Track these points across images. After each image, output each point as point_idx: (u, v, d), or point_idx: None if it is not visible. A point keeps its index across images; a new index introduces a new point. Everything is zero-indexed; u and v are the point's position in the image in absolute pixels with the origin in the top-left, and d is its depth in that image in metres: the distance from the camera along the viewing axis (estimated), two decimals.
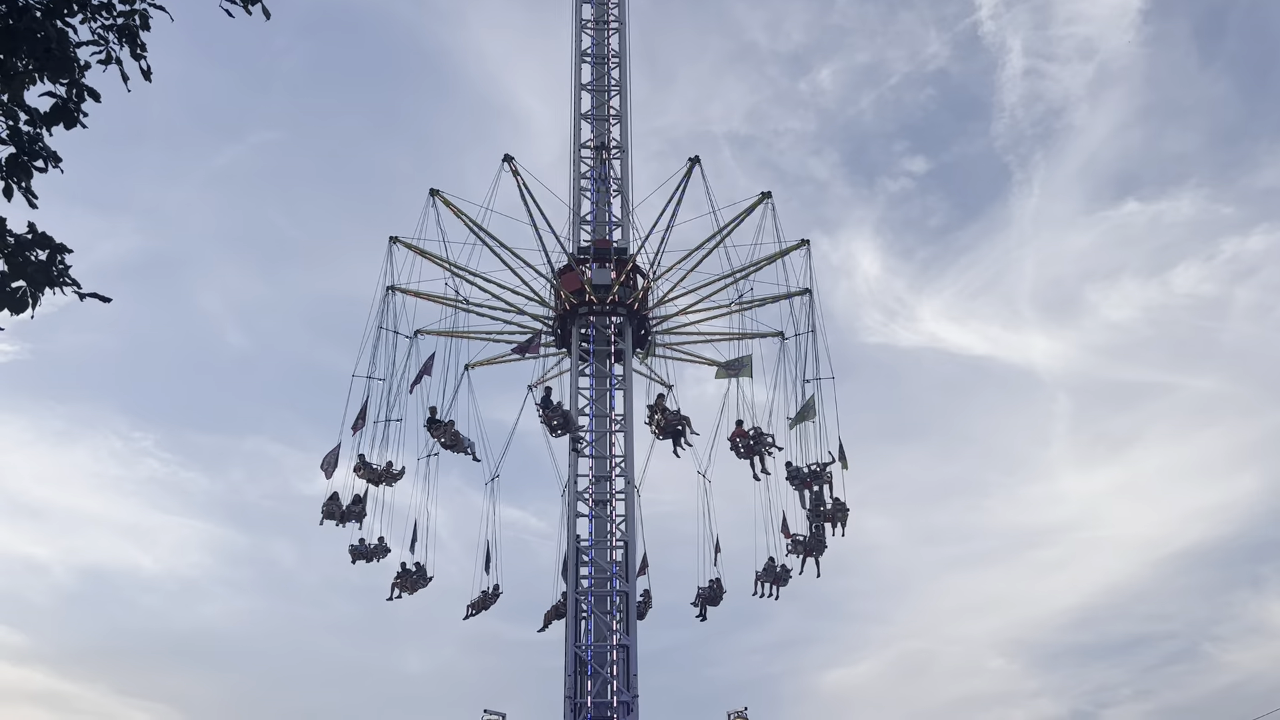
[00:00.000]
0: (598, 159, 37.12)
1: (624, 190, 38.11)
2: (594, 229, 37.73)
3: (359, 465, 33.64)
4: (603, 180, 37.19)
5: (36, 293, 7.84)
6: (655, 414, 32.38)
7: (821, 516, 31.75)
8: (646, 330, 36.01)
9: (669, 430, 32.18)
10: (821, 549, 32.33)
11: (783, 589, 33.75)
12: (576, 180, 38.17)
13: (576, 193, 38.10)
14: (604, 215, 37.87)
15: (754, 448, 32.08)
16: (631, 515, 33.61)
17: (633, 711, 30.70)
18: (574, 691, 30.81)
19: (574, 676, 30.99)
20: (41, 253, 7.89)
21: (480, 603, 35.33)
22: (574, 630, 31.67)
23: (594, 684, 31.15)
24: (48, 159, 7.88)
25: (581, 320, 34.86)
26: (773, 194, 35.80)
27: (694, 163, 35.37)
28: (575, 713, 30.56)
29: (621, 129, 38.72)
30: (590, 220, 37.86)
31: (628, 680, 30.99)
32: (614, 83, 39.11)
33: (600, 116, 38.73)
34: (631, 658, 31.36)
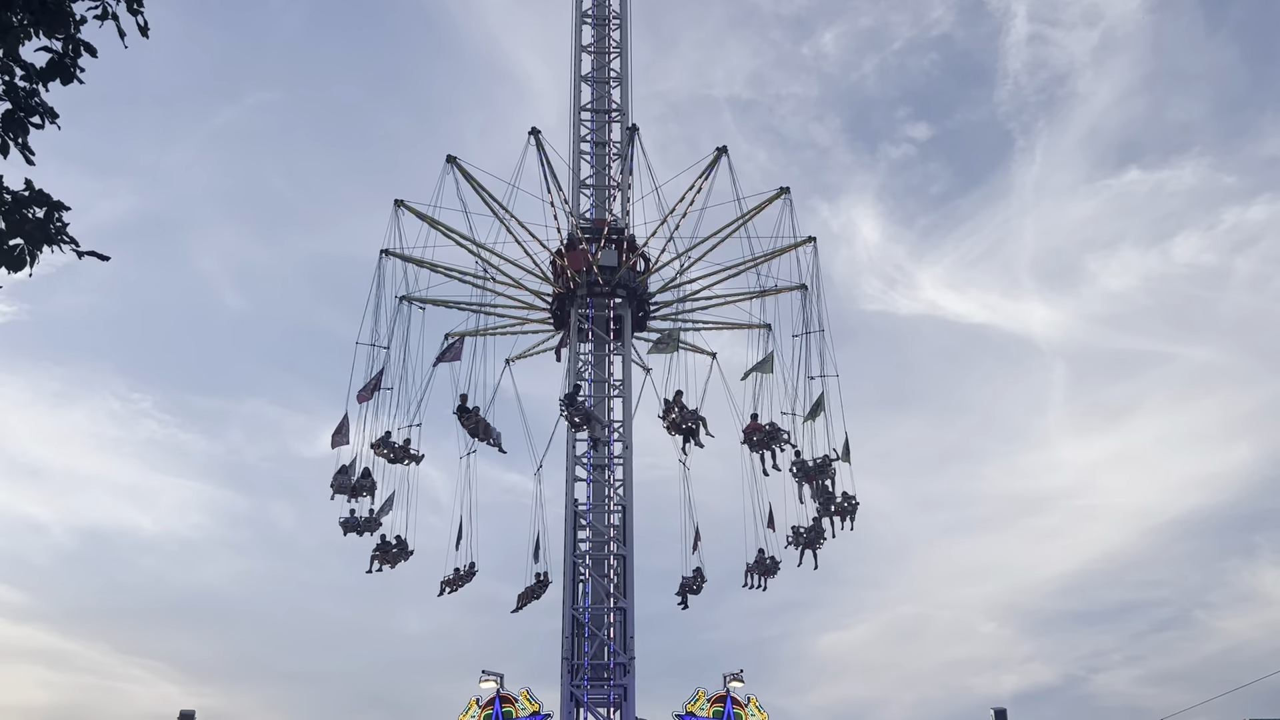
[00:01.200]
0: (606, 130, 36.88)
1: (624, 154, 37.90)
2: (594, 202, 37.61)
3: (379, 443, 32.91)
4: (603, 155, 36.98)
5: (34, 251, 7.79)
6: (672, 410, 31.37)
7: (830, 511, 31.52)
8: (645, 313, 35.81)
9: (683, 427, 31.35)
10: (820, 542, 32.33)
11: (771, 579, 33.71)
12: (576, 144, 37.95)
13: (576, 155, 37.92)
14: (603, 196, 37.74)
15: (768, 442, 31.54)
16: (629, 480, 33.77)
17: (629, 673, 31.01)
18: (571, 653, 31.12)
19: (571, 638, 31.27)
20: (39, 210, 7.84)
21: (454, 580, 34.72)
22: (571, 593, 31.92)
23: (591, 646, 31.46)
24: (44, 115, 7.80)
25: (580, 301, 34.61)
26: (789, 188, 35.08)
27: (721, 153, 35.05)
28: (572, 674, 30.89)
29: (622, 92, 38.39)
30: (590, 186, 37.72)
31: (625, 642, 31.28)
32: (615, 45, 38.71)
33: (601, 79, 38.38)
34: (629, 620, 31.62)
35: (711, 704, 25.37)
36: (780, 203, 34.91)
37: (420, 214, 34.74)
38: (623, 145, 37.87)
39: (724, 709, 25.29)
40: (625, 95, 38.36)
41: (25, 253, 7.75)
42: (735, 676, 26.32)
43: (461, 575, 34.85)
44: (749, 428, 31.58)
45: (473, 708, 24.82)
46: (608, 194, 37.61)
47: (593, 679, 31.18)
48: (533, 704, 24.53)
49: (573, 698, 30.45)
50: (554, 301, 35.49)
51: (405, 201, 34.70)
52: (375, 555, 33.24)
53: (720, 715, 25.19)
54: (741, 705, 25.51)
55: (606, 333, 34.23)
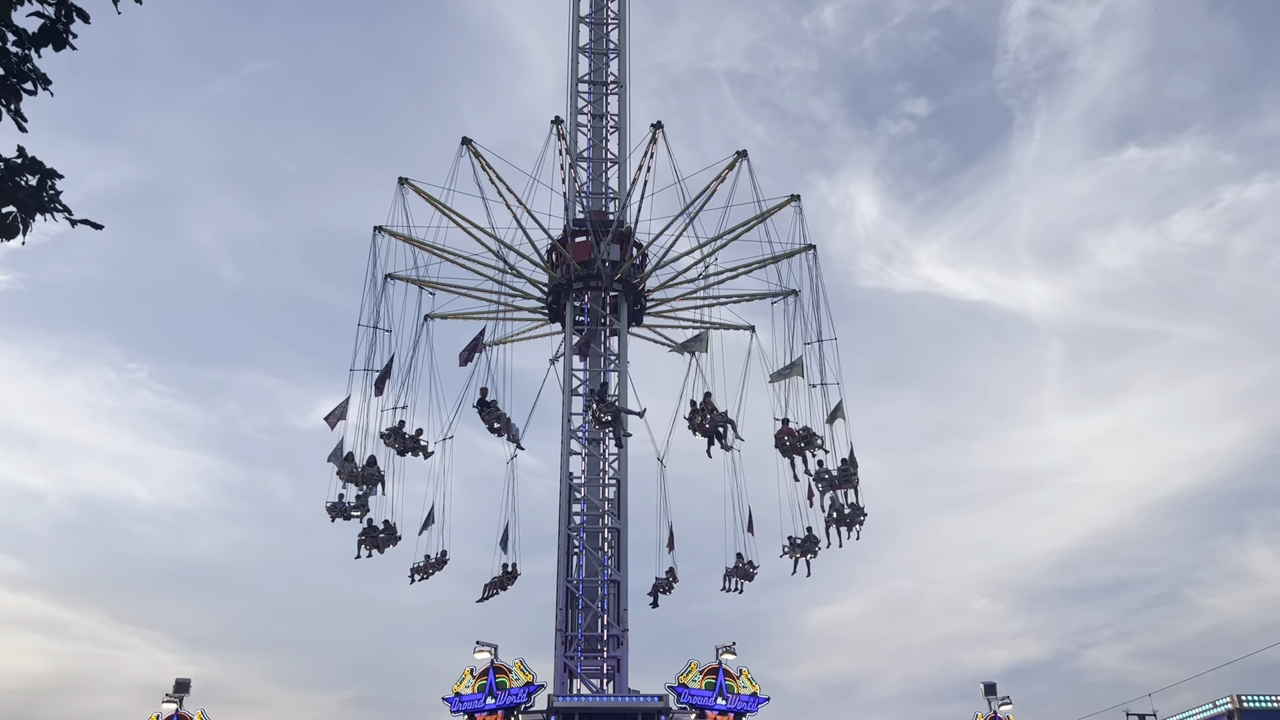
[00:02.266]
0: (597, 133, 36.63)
1: (621, 127, 37.72)
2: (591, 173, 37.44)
3: (390, 434, 32.15)
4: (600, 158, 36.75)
5: (27, 218, 7.74)
6: (701, 414, 29.96)
7: (837, 521, 31.44)
8: (642, 305, 35.64)
9: (711, 430, 30.02)
10: (815, 551, 32.34)
11: (748, 584, 34.08)
12: (574, 115, 37.73)
13: (574, 127, 37.70)
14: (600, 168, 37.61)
15: (800, 448, 30.99)
16: (624, 454, 33.83)
17: (623, 645, 31.23)
18: (565, 625, 31.32)
19: (565, 610, 31.47)
20: (32, 178, 7.78)
21: (424, 568, 34.43)
22: (565, 565, 32.07)
23: (585, 617, 31.67)
24: (36, 81, 7.73)
25: (576, 294, 34.53)
26: (746, 152, 34.66)
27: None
28: (566, 645, 31.10)
29: (620, 64, 38.12)
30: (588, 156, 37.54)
31: (618, 614, 31.47)
32: (613, 16, 38.41)
33: (599, 51, 38.10)
34: (622, 593, 31.82)
35: (704, 676, 25.55)
36: (790, 209, 34.81)
37: (429, 196, 34.09)
38: (620, 118, 37.74)
39: (716, 680, 25.47)
40: (623, 68, 38.12)
41: (18, 220, 7.71)
42: (727, 649, 26.50)
43: (432, 563, 34.33)
44: (781, 432, 30.94)
45: (467, 678, 24.99)
46: (605, 166, 37.50)
47: (586, 650, 31.42)
48: (526, 675, 24.69)
49: (566, 669, 30.68)
50: (549, 294, 35.23)
51: (410, 180, 34.15)
52: (362, 540, 32.72)
53: (713, 687, 25.37)
54: (733, 677, 25.71)
55: (602, 322, 34.20)
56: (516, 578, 35.77)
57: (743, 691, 25.60)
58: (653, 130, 33.80)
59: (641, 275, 35.01)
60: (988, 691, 31.50)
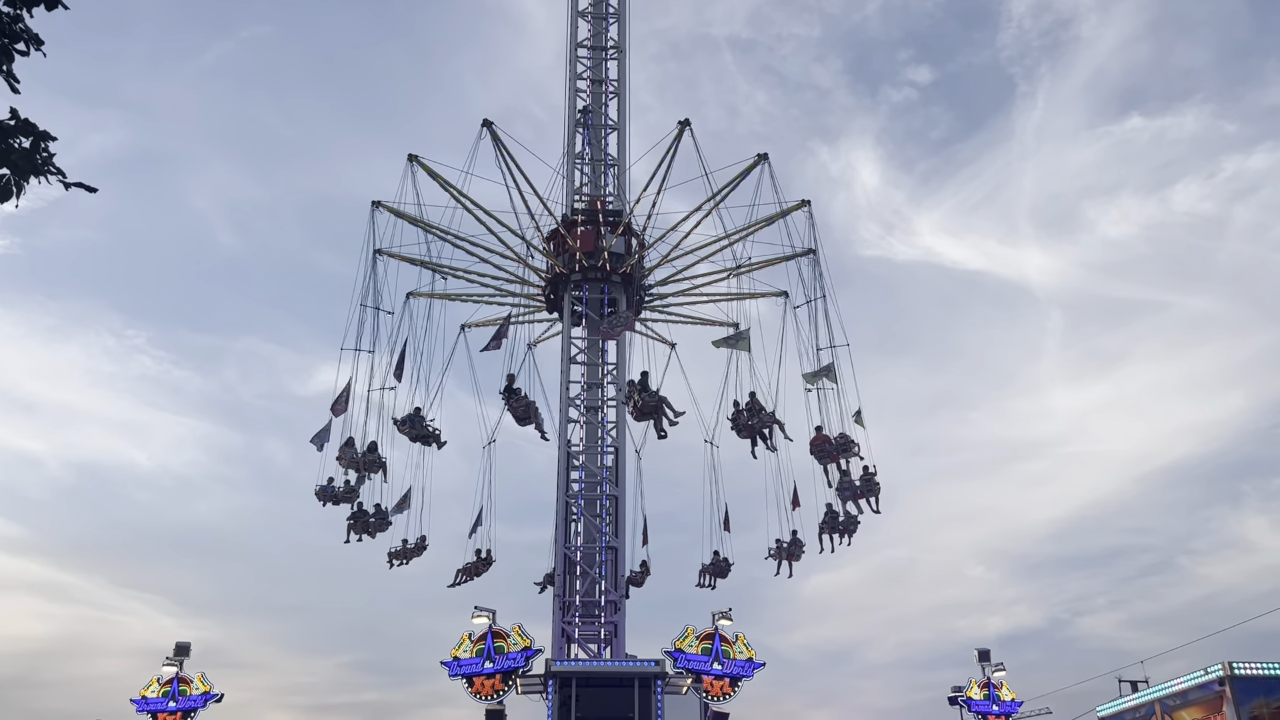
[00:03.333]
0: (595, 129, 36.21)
1: (620, 94, 37.45)
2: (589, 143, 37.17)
3: (405, 421, 31.70)
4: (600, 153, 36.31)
5: (21, 181, 7.71)
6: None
7: (836, 530, 31.65)
8: (641, 296, 35.48)
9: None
10: (800, 555, 32.88)
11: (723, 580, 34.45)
12: (573, 80, 37.46)
13: (572, 95, 37.45)
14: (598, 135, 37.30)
15: (838, 455, 31.08)
16: (622, 422, 33.90)
17: (620, 611, 31.46)
18: (563, 590, 31.53)
19: (563, 576, 31.67)
20: (25, 140, 7.74)
21: (402, 553, 34.15)
22: (564, 532, 32.23)
23: (583, 583, 31.87)
24: (29, 42, 7.66)
25: (575, 285, 34.32)
26: (768, 155, 34.43)
27: (761, 159, 34.41)
28: (564, 611, 31.33)
29: (619, 29, 37.77)
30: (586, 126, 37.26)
31: (615, 580, 31.68)
32: None
33: (599, 15, 37.74)
34: (620, 559, 32.00)
35: (700, 641, 25.77)
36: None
37: (439, 177, 33.68)
38: (619, 84, 37.43)
39: (712, 646, 25.69)
40: (622, 33, 37.76)
41: (11, 183, 7.68)
42: (724, 615, 26.70)
43: (410, 549, 34.09)
44: (816, 439, 30.95)
45: (465, 642, 25.17)
46: (604, 132, 37.26)
47: (584, 616, 31.66)
48: (524, 639, 24.88)
49: (564, 634, 30.93)
50: (547, 286, 35.02)
51: (419, 157, 33.71)
52: (351, 525, 32.40)
53: (709, 652, 25.59)
54: (729, 642, 25.93)
55: (600, 315, 33.98)
56: (491, 564, 35.07)
57: (738, 657, 25.82)
58: (680, 126, 33.32)
59: (646, 270, 35.00)
60: (982, 658, 31.80)
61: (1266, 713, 23.87)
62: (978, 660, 32.10)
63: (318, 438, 32.29)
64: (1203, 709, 25.23)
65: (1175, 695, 26.54)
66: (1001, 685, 31.02)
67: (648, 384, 30.79)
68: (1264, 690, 24.11)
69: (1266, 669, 24.51)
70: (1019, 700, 31.35)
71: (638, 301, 35.28)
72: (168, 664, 27.59)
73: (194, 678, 27.37)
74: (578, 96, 37.49)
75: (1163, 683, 28.04)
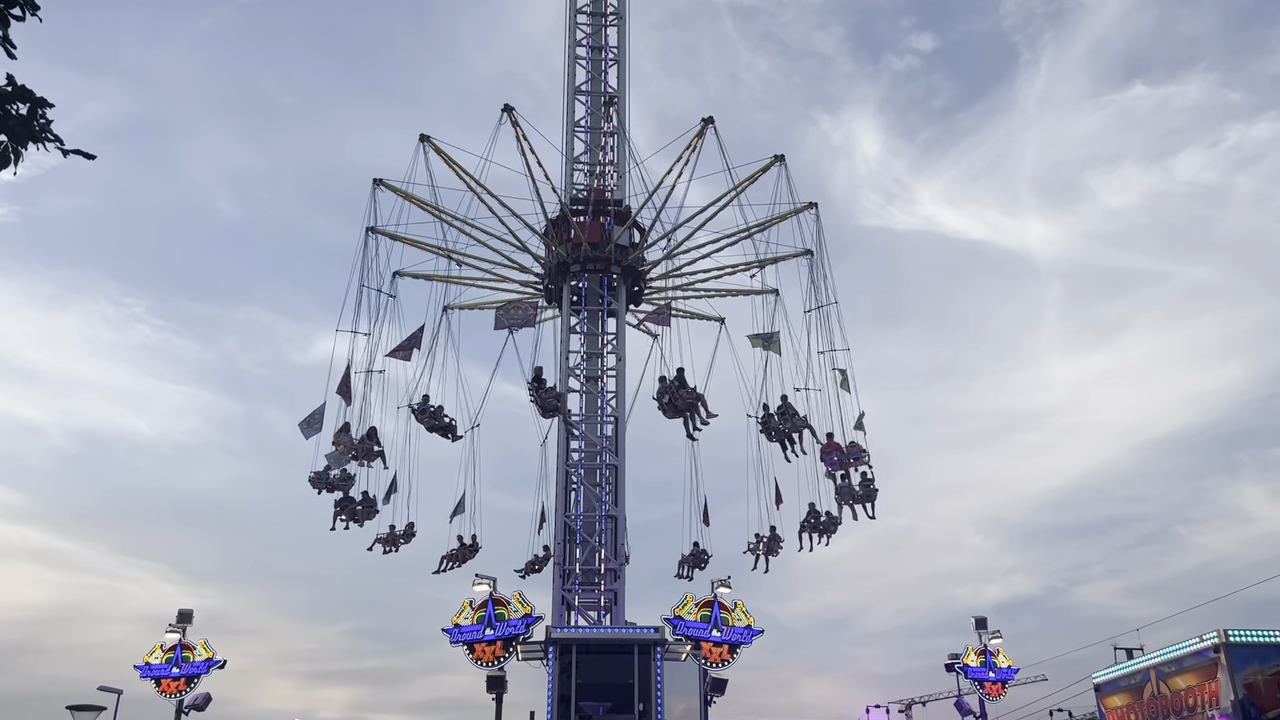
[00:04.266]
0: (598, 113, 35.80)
1: (620, 61, 37.20)
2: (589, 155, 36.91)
3: (423, 412, 30.57)
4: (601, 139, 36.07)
5: (18, 148, 7.65)
6: (669, 392, 29.35)
7: (812, 528, 31.95)
8: (640, 286, 35.41)
9: (681, 408, 29.51)
10: (778, 550, 33.30)
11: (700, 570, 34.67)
12: (572, 47, 37.23)
13: (571, 62, 37.23)
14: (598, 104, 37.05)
15: (849, 462, 31.06)
16: (621, 392, 33.97)
17: (620, 579, 31.67)
18: (563, 559, 31.72)
19: (563, 544, 31.84)
20: (22, 106, 7.67)
21: (389, 539, 33.51)
22: (564, 501, 32.37)
23: (583, 552, 32.06)
24: (24, 6, 7.58)
25: (574, 275, 34.27)
26: (785, 157, 34.20)
27: (778, 160, 34.17)
28: (564, 579, 31.53)
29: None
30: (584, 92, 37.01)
31: (615, 549, 31.87)
32: None
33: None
34: (620, 528, 32.17)
35: (699, 609, 25.93)
36: (776, 170, 34.11)
37: (448, 158, 33.38)
38: (619, 50, 37.13)
39: (711, 613, 25.85)
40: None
41: (9, 150, 7.62)
42: (722, 583, 26.86)
43: (398, 535, 33.38)
44: (827, 447, 30.82)
45: (466, 609, 25.32)
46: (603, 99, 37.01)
47: (584, 584, 31.88)
48: (525, 606, 25.04)
49: (564, 601, 31.15)
50: (545, 276, 34.95)
51: (431, 137, 33.20)
52: (338, 512, 31.73)
53: (708, 619, 25.76)
54: (728, 610, 26.09)
55: (601, 305, 34.13)
56: (477, 551, 34.10)
57: (737, 624, 25.99)
58: (703, 124, 32.90)
59: (649, 264, 34.97)
60: (979, 625, 32.02)
61: (1261, 680, 24.08)
62: (975, 628, 32.31)
63: (307, 424, 31.34)
64: (1197, 676, 25.45)
65: (1170, 662, 26.76)
66: (998, 652, 31.25)
67: (685, 380, 29.51)
68: (1259, 657, 24.31)
69: (1261, 636, 24.69)
70: (1015, 667, 31.61)
71: (636, 292, 35.27)
72: (170, 631, 27.76)
73: (196, 644, 27.55)
74: (577, 64, 37.24)
75: (1158, 650, 28.27)
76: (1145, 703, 28.03)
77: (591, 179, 35.81)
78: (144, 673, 27.22)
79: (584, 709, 25.34)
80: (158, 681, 27.10)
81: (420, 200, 33.67)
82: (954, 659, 32.32)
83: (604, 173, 35.63)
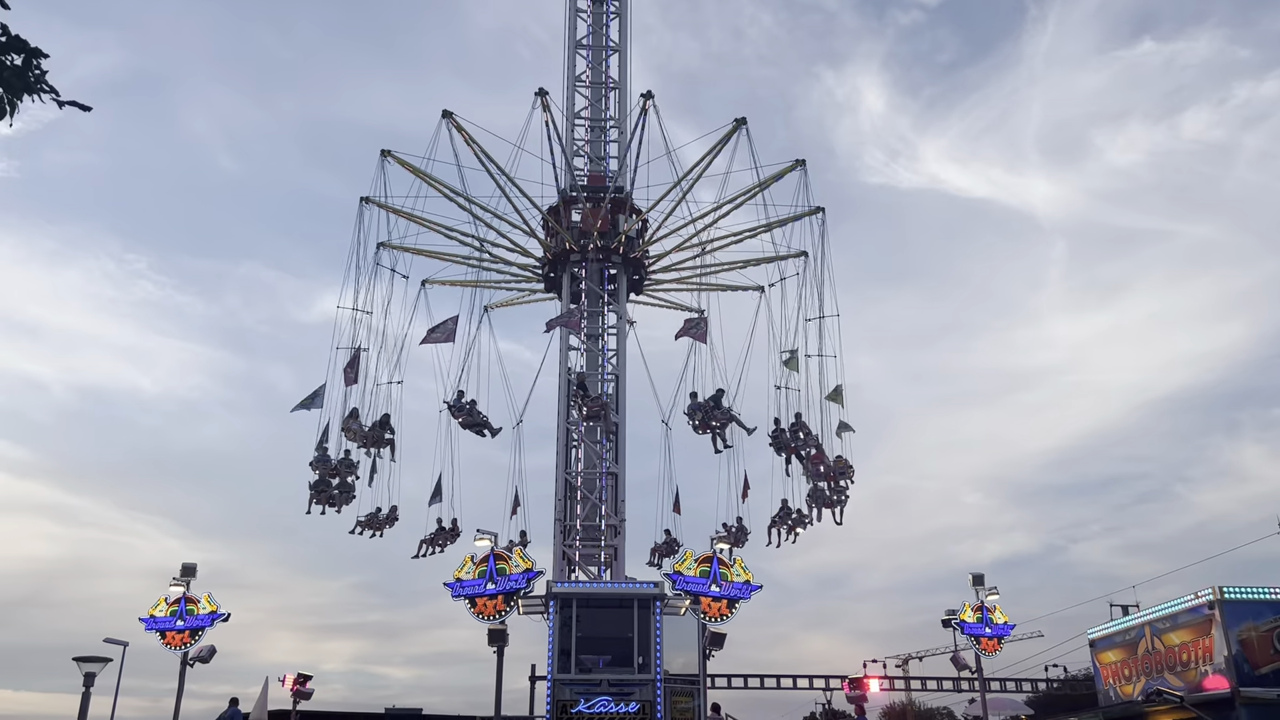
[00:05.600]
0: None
1: (622, 14, 36.77)
2: (592, 75, 36.53)
3: (459, 408, 29.59)
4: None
5: (14, 99, 7.58)
6: (701, 412, 28.98)
7: (785, 521, 32.14)
8: (641, 275, 35.27)
9: (711, 427, 29.12)
10: (745, 540, 33.26)
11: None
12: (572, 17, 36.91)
13: (573, 15, 36.85)
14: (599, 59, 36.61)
15: (831, 476, 31.41)
16: (622, 350, 34.00)
17: (620, 535, 31.91)
18: (564, 514, 31.95)
19: (564, 501, 32.05)
20: (16, 57, 7.59)
21: (370, 522, 32.66)
22: (564, 458, 32.53)
23: (583, 508, 32.28)
24: None
25: (574, 265, 34.20)
26: (806, 160, 34.02)
27: (797, 165, 34.17)
28: (565, 534, 31.78)
29: None
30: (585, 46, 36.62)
31: (616, 505, 32.09)
32: None
33: None
34: (620, 484, 32.37)
35: (699, 564, 26.13)
36: (796, 174, 33.97)
37: (412, 167, 32.91)
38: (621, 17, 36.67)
39: (710, 569, 26.05)
40: None
41: (3, 102, 7.55)
42: (721, 539, 27.07)
43: (380, 519, 32.73)
44: (815, 458, 31.10)
45: (468, 564, 25.53)
46: (605, 54, 36.62)
47: (584, 539, 32.15)
48: (526, 561, 25.24)
49: (565, 556, 31.43)
50: (546, 266, 34.88)
51: (455, 114, 32.42)
52: (314, 497, 31.10)
53: (707, 575, 25.97)
54: (727, 566, 26.29)
55: (600, 289, 34.08)
56: (458, 536, 33.03)
57: (736, 580, 26.20)
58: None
59: (642, 245, 34.77)
60: (975, 582, 32.27)
61: (1255, 636, 24.30)
62: (971, 584, 32.58)
63: (307, 406, 30.70)
64: (1192, 632, 25.69)
65: (1165, 619, 27.01)
66: (994, 609, 31.50)
67: (721, 401, 29.17)
68: (1253, 614, 24.52)
69: (1256, 594, 24.88)
70: (1011, 623, 31.89)
71: (636, 281, 35.14)
72: (174, 584, 27.99)
73: (201, 598, 27.79)
74: (578, 17, 36.83)
75: (1154, 607, 28.52)
76: (1139, 658, 28.34)
77: (595, 145, 35.58)
78: (149, 625, 27.49)
79: (584, 662, 25.65)
80: (162, 634, 27.37)
81: (428, 175, 33.19)
82: (951, 615, 32.60)
83: (605, 142, 35.46)
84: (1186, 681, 25.47)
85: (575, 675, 24.55)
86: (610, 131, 36.12)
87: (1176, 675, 26.07)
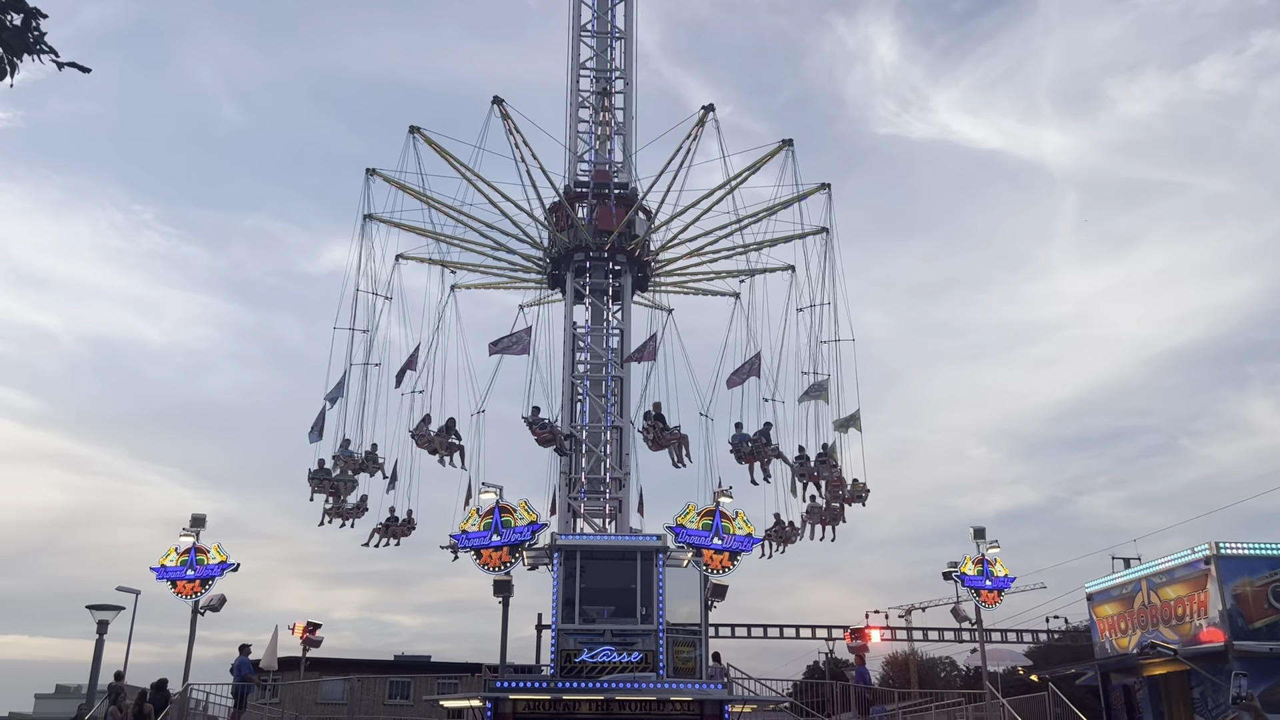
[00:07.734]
0: None
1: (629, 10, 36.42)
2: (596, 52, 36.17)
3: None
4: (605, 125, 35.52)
5: (13, 60, 7.63)
6: (652, 426, 29.45)
7: (779, 534, 32.49)
8: (646, 272, 35.14)
9: (664, 444, 29.49)
10: None
11: None
12: None
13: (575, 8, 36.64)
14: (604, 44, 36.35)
15: (848, 499, 31.73)
16: (627, 306, 34.12)
17: (624, 487, 32.24)
18: (569, 467, 32.26)
19: (569, 454, 32.33)
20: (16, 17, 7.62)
21: (347, 511, 32.33)
22: (569, 411, 32.79)
23: (588, 461, 32.59)
24: None
25: (578, 263, 34.08)
26: (793, 141, 33.73)
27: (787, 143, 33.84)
28: (570, 487, 32.11)
29: None
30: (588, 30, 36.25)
31: (620, 458, 32.37)
32: None
33: None
34: (624, 438, 32.62)
35: (701, 517, 26.42)
36: (788, 160, 33.68)
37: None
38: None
39: (713, 522, 26.35)
40: None
41: (4, 62, 7.60)
42: (724, 493, 27.32)
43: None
44: (834, 482, 31.45)
45: (473, 517, 25.84)
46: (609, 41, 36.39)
47: (589, 492, 32.49)
48: (530, 514, 25.54)
49: (570, 509, 31.79)
50: (549, 264, 34.82)
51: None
52: (314, 485, 31.33)
53: (709, 528, 26.27)
54: (729, 519, 26.58)
55: (606, 287, 34.14)
56: (413, 529, 33.01)
57: (738, 532, 26.49)
58: (702, 112, 32.41)
59: (656, 252, 34.87)
60: (977, 535, 32.56)
61: (1250, 591, 24.52)
62: (973, 538, 32.88)
63: (316, 432, 31.16)
64: (1188, 586, 25.94)
65: (1161, 573, 27.24)
66: (995, 561, 31.81)
67: (663, 416, 29.57)
68: (1249, 570, 24.70)
69: (1252, 549, 25.04)
70: (1012, 576, 32.21)
71: (641, 277, 35.15)
72: (184, 534, 28.35)
73: (211, 548, 28.16)
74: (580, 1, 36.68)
75: (1154, 560, 28.75)
76: (1135, 612, 28.66)
77: (597, 141, 35.39)
78: (159, 574, 27.92)
79: (588, 613, 26.05)
80: (173, 583, 27.82)
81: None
82: (952, 567, 32.93)
83: (608, 134, 35.43)
84: (1181, 635, 25.79)
85: (579, 625, 24.94)
86: (618, 111, 35.94)
87: (1172, 629, 26.38)
